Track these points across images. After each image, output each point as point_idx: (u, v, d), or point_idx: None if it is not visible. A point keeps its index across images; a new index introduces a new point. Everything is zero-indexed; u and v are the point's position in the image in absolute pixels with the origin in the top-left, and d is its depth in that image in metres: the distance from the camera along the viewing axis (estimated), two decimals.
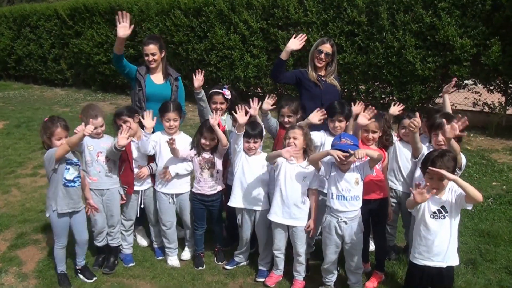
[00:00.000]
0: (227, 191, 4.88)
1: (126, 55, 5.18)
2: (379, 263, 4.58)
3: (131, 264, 4.87)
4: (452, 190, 3.62)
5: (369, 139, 4.32)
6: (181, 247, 5.07)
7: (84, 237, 4.57)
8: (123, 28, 4.94)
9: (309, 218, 4.33)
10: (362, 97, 10.12)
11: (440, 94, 9.63)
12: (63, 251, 4.49)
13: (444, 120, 3.78)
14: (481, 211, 5.87)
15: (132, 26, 4.99)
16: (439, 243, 3.63)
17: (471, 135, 8.86)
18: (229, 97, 5.17)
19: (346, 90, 10.12)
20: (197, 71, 5.04)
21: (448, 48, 8.75)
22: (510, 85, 9.15)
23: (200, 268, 4.76)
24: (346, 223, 4.06)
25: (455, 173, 3.58)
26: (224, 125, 5.03)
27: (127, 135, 4.53)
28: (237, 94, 5.51)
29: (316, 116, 4.44)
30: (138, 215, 4.94)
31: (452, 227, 3.64)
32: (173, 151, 4.55)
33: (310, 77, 5.14)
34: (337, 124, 4.50)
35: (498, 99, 9.42)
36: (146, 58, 5.18)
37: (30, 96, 15.26)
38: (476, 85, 9.53)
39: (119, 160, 4.70)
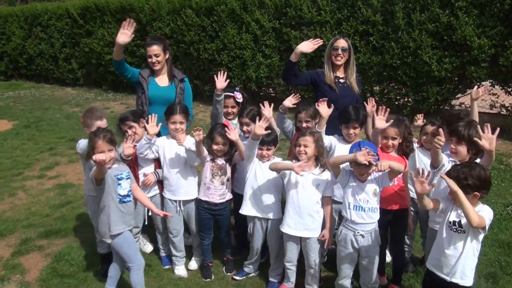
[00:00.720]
0: (234, 198, 4.72)
1: (137, 55, 5.07)
2: (396, 276, 4.39)
3: None
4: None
5: (388, 146, 4.11)
6: (189, 255, 4.88)
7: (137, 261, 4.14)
8: (124, 35, 4.75)
9: (323, 227, 4.13)
10: (377, 98, 9.85)
11: (457, 96, 9.53)
12: (142, 273, 4.12)
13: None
14: (500, 220, 5.62)
15: (133, 35, 4.80)
16: (448, 255, 3.36)
17: None
18: (240, 100, 5.00)
19: (360, 91, 9.85)
20: (219, 72, 4.83)
21: (465, 48, 8.47)
22: None
23: (208, 279, 4.58)
24: (363, 236, 3.85)
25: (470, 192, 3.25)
26: (235, 128, 4.85)
27: (133, 143, 4.36)
28: (249, 95, 5.32)
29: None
30: (146, 223, 4.76)
31: (466, 246, 3.31)
32: (198, 146, 4.30)
33: (327, 79, 4.91)
34: (351, 131, 4.32)
35: None
36: (149, 59, 4.98)
37: (40, 96, 15.22)
38: (494, 87, 9.25)
39: None
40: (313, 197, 4.06)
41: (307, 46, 4.89)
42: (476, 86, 4.61)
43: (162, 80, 5.10)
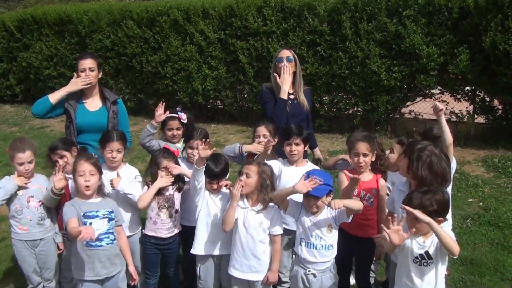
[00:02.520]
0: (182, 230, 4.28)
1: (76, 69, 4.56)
2: None
3: None
4: None
5: (360, 163, 3.75)
6: None
7: None
8: (76, 86, 4.47)
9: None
10: (326, 108, 9.68)
11: (406, 104, 9.45)
12: None
13: None
14: (460, 233, 5.44)
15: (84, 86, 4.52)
16: None
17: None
18: (185, 121, 4.66)
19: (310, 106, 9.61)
20: (160, 104, 4.49)
21: (414, 57, 8.37)
22: (478, 93, 8.86)
23: None
24: (314, 276, 3.49)
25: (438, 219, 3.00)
26: (177, 149, 4.45)
27: (64, 174, 3.89)
28: (196, 109, 4.93)
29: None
30: None
31: (438, 275, 3.09)
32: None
33: (279, 93, 4.57)
34: (293, 147, 4.00)
35: (466, 107, 9.11)
36: (82, 74, 4.49)
37: None
38: (443, 94, 9.21)
39: None
40: (256, 237, 3.66)
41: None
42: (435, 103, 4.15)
43: (93, 104, 4.62)
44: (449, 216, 3.25)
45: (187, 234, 4.17)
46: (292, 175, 3.93)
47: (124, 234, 3.90)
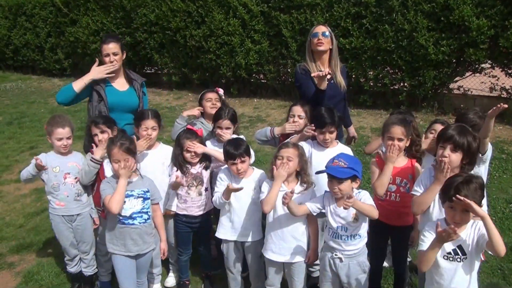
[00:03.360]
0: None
1: (123, 43, 4.60)
2: None
3: None
4: (475, 227, 2.87)
5: (394, 147, 3.59)
6: (166, 270, 4.53)
7: (142, 278, 3.98)
8: (100, 73, 4.45)
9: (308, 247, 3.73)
10: (371, 84, 9.45)
11: (455, 79, 9.08)
12: None
13: None
14: (502, 219, 5.23)
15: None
16: None
17: None
18: (223, 96, 4.73)
19: (353, 76, 9.42)
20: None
21: (464, 30, 8.00)
22: None
23: None
24: (341, 260, 3.42)
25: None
26: (200, 128, 4.42)
27: (104, 148, 4.00)
28: (239, 83, 4.84)
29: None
30: None
31: (473, 273, 2.92)
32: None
33: (314, 76, 4.44)
34: (327, 136, 3.91)
35: None
36: (106, 58, 4.51)
37: (27, 88, 14.74)
38: (494, 69, 8.80)
39: None
40: (296, 218, 3.61)
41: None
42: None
43: (120, 84, 4.66)
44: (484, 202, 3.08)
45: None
46: (323, 158, 3.84)
47: (160, 211, 3.96)
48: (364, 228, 3.41)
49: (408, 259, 4.27)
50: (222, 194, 3.72)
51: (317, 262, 4.05)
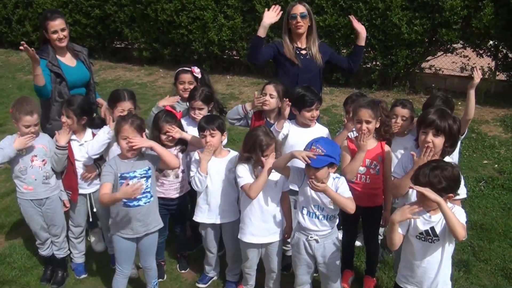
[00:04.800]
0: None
1: (92, 16, 4.46)
2: (370, 268, 4.10)
3: (83, 276, 4.33)
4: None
5: (363, 131, 3.60)
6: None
7: (150, 263, 3.90)
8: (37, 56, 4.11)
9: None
10: None
11: (426, 59, 9.17)
12: (125, 281, 3.83)
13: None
14: (472, 197, 5.36)
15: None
16: (425, 270, 3.00)
17: (459, 103, 8.29)
18: (199, 75, 4.53)
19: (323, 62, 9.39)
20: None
21: (437, 9, 8.05)
22: (501, 49, 8.55)
23: (160, 279, 4.17)
24: (317, 241, 3.43)
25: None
26: (180, 111, 4.33)
27: (69, 131, 3.89)
28: (211, 59, 4.73)
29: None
30: (90, 220, 4.31)
31: (444, 254, 2.98)
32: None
33: (286, 52, 4.45)
34: (315, 113, 3.94)
35: (488, 63, 8.82)
36: (54, 36, 4.32)
37: None
38: (465, 49, 8.92)
39: None
40: (275, 196, 3.63)
41: (272, 16, 4.34)
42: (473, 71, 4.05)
43: (69, 59, 4.52)
44: (462, 186, 3.14)
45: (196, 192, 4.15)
46: (301, 137, 3.87)
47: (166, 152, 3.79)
48: (338, 209, 3.42)
49: (380, 237, 4.36)
50: (198, 170, 3.68)
51: (289, 241, 4.10)
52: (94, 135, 4.10)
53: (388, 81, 9.28)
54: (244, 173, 3.55)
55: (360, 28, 4.58)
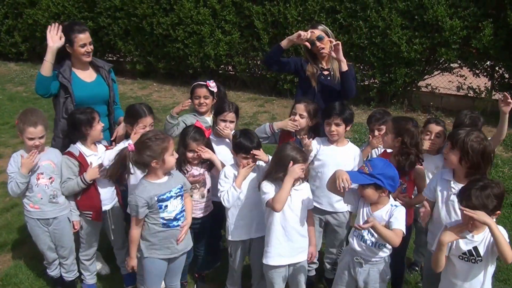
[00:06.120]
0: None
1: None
2: (396, 286, 4.05)
3: None
4: None
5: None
6: None
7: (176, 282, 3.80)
8: (56, 39, 4.02)
9: None
10: None
11: (425, 77, 9.25)
12: None
13: None
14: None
15: (63, 38, 4.07)
16: None
17: (448, 121, 8.39)
18: (214, 90, 4.41)
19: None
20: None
21: (437, 29, 8.16)
22: (497, 69, 8.69)
23: None
24: (361, 265, 3.33)
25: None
26: (209, 128, 4.22)
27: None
28: (207, 74, 4.65)
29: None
30: (112, 238, 4.14)
31: (487, 274, 2.97)
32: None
33: (308, 72, 4.42)
34: (333, 128, 3.84)
35: (485, 83, 8.95)
36: (82, 49, 4.12)
37: None
38: (462, 68, 9.05)
39: None
40: (303, 214, 3.53)
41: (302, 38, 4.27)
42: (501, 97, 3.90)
43: (87, 75, 4.32)
44: None
45: (215, 209, 4.05)
46: (331, 155, 3.83)
47: (189, 197, 3.70)
48: None
49: None
50: (233, 184, 3.58)
51: (314, 260, 4.01)
52: (107, 148, 3.98)
53: (386, 98, 9.33)
54: (270, 189, 3.43)
55: (336, 55, 4.27)
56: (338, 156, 3.83)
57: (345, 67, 4.21)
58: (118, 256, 4.29)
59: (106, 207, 3.98)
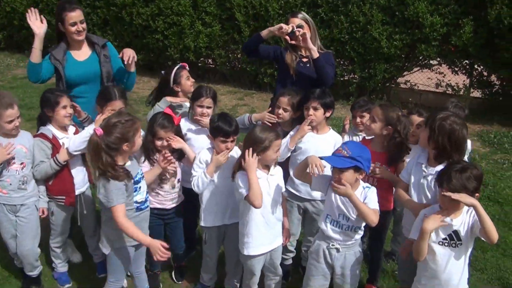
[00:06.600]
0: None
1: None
2: (373, 276, 4.04)
3: (67, 285, 4.05)
4: (470, 213, 2.89)
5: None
6: None
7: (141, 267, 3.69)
8: (39, 25, 3.97)
9: None
10: None
11: (404, 74, 9.30)
12: None
13: None
14: None
15: (44, 20, 4.03)
16: (450, 275, 2.96)
17: None
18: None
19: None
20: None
21: (417, 25, 8.19)
22: (476, 67, 8.78)
23: None
24: (338, 250, 3.29)
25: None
26: (179, 115, 4.10)
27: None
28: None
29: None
30: (79, 223, 4.01)
31: (465, 258, 2.96)
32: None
33: (287, 59, 4.36)
34: (311, 112, 3.78)
35: (463, 81, 9.04)
36: (72, 28, 4.03)
37: None
38: (441, 65, 9.12)
39: None
40: (279, 198, 3.49)
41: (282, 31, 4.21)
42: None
43: (82, 53, 4.23)
44: None
45: (190, 196, 3.91)
46: (311, 142, 3.78)
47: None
48: (364, 222, 3.26)
49: None
50: (204, 171, 3.47)
51: (291, 249, 3.96)
52: (76, 131, 3.88)
53: (365, 94, 9.28)
54: (246, 183, 3.29)
55: (303, 44, 4.22)
56: (319, 144, 3.79)
57: (315, 55, 4.13)
58: (89, 244, 4.17)
59: (78, 191, 3.86)
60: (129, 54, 4.15)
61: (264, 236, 3.45)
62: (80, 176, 3.87)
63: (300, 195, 3.87)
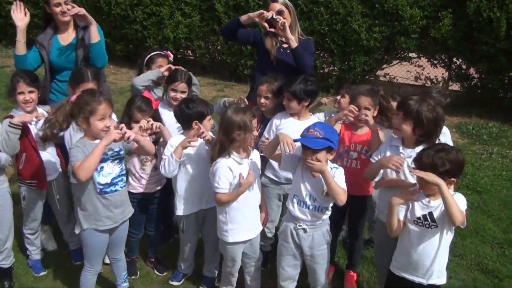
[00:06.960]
0: None
1: (41, 6, 4.11)
2: (353, 261, 4.02)
3: (42, 273, 3.94)
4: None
5: (361, 118, 3.52)
6: None
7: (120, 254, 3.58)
8: (21, 17, 3.96)
9: None
10: None
11: (383, 67, 9.34)
12: (95, 278, 3.49)
13: None
14: None
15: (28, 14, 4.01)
16: (421, 257, 2.94)
17: None
18: (172, 60, 4.34)
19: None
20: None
21: (397, 18, 8.22)
22: (454, 60, 8.85)
23: (133, 276, 3.90)
24: (305, 231, 3.27)
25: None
26: (157, 99, 4.08)
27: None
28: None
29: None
30: (58, 207, 3.91)
31: (442, 241, 2.92)
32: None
33: (267, 45, 4.31)
34: (285, 101, 3.78)
35: (442, 74, 9.12)
36: (57, 9, 3.97)
37: None
38: (420, 58, 9.18)
39: None
40: (258, 186, 3.45)
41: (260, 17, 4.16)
42: None
43: (66, 37, 4.16)
44: None
45: (168, 182, 3.85)
46: (291, 127, 3.72)
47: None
48: (331, 202, 3.27)
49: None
50: (171, 153, 3.37)
51: (270, 235, 3.92)
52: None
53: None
54: (223, 181, 3.25)
55: (282, 34, 4.14)
56: (299, 129, 3.70)
57: (294, 45, 4.08)
58: (64, 231, 4.08)
59: (50, 177, 3.78)
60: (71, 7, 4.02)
61: (248, 221, 3.41)
62: (51, 164, 3.78)
63: (280, 181, 3.85)
